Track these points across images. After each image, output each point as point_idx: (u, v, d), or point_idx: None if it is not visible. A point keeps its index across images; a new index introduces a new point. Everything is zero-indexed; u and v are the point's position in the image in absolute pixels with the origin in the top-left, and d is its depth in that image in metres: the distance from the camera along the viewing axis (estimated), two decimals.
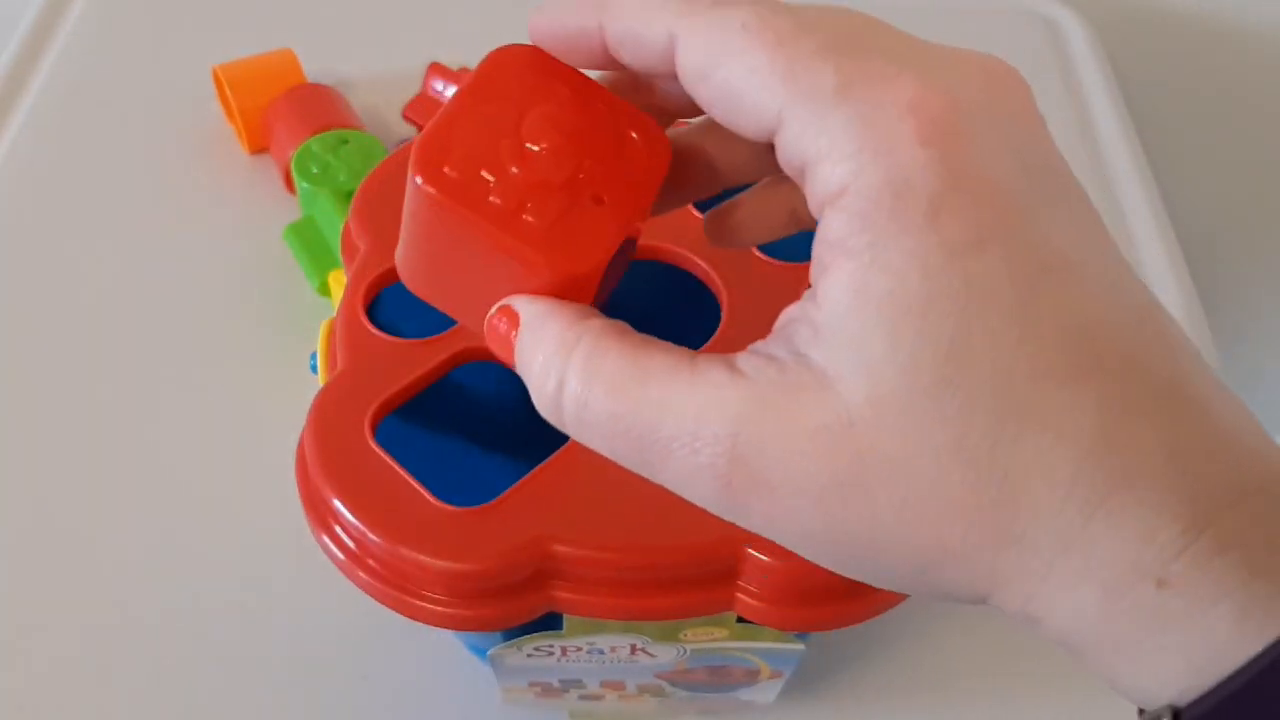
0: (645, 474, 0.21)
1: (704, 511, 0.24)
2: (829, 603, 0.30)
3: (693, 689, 0.38)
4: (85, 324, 0.51)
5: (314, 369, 0.36)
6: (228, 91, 0.58)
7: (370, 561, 0.30)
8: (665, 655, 0.34)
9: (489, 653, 0.34)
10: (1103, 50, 0.70)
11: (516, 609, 0.29)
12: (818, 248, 0.20)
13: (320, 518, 0.31)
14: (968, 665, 0.43)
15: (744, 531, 0.25)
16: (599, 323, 0.22)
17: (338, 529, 0.30)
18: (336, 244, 0.51)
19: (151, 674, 0.41)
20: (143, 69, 0.64)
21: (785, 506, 0.20)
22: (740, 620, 0.31)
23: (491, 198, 0.21)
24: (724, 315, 0.35)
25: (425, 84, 0.60)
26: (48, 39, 0.65)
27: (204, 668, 0.41)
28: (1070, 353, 0.19)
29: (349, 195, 0.52)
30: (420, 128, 0.58)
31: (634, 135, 0.22)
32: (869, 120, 0.19)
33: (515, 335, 0.22)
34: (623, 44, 0.22)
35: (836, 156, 0.19)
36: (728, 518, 0.21)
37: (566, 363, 0.21)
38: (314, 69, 0.60)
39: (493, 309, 0.23)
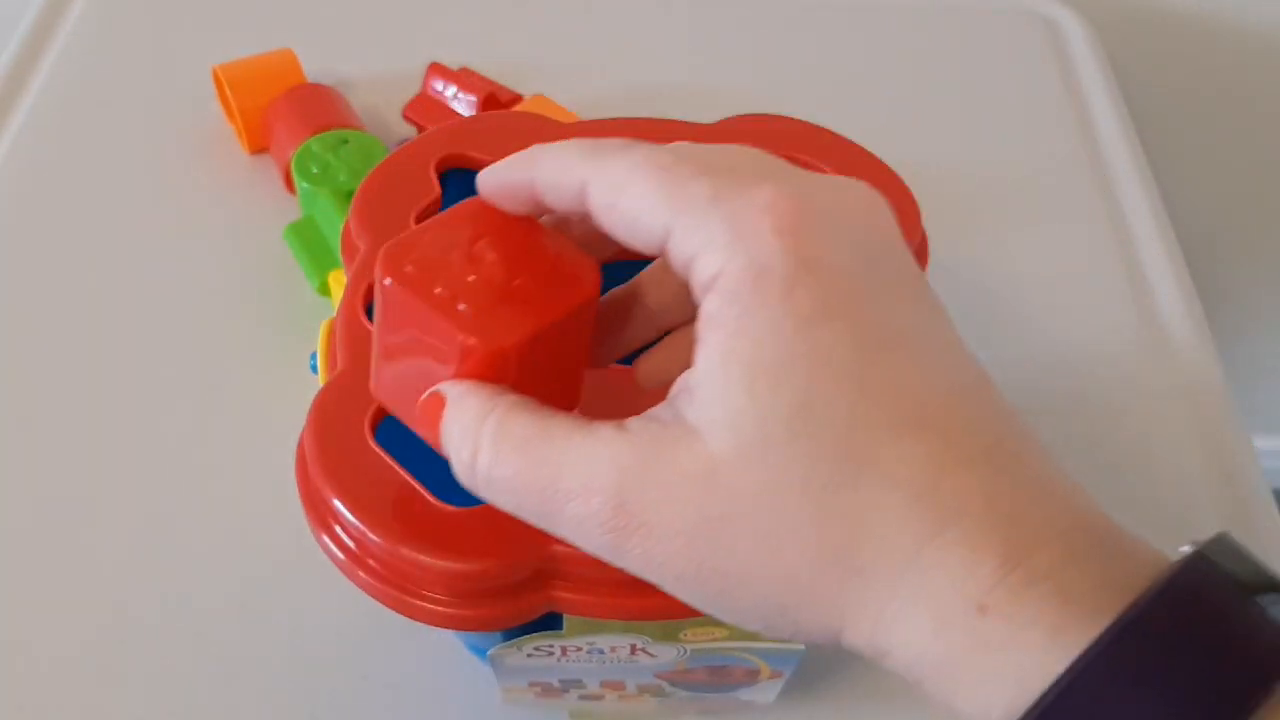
0: (546, 527, 0.24)
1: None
2: None
3: (693, 689, 0.38)
4: (85, 324, 0.51)
5: (314, 369, 0.36)
6: (228, 91, 0.58)
7: (370, 561, 0.30)
8: (665, 655, 0.34)
9: (489, 653, 0.34)
10: (1103, 50, 0.70)
11: (516, 609, 0.29)
12: (697, 327, 0.23)
13: (320, 518, 0.31)
14: None
15: None
16: (511, 398, 0.25)
17: (338, 529, 0.30)
18: (336, 244, 0.51)
19: (151, 674, 0.41)
20: (143, 69, 0.64)
21: (662, 547, 0.23)
22: None
23: (437, 289, 0.26)
24: None
25: (425, 84, 0.60)
26: (48, 39, 0.65)
27: (204, 667, 0.41)
28: (902, 412, 0.22)
29: (349, 195, 0.52)
30: (420, 128, 0.58)
31: (565, 260, 0.27)
32: (734, 219, 0.23)
33: (440, 416, 0.25)
34: (549, 191, 0.26)
35: (711, 249, 0.23)
36: (617, 563, 0.24)
37: (480, 431, 0.24)
38: (314, 69, 0.60)
39: (423, 396, 0.26)
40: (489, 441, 0.24)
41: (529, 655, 0.33)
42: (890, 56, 0.68)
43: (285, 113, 0.57)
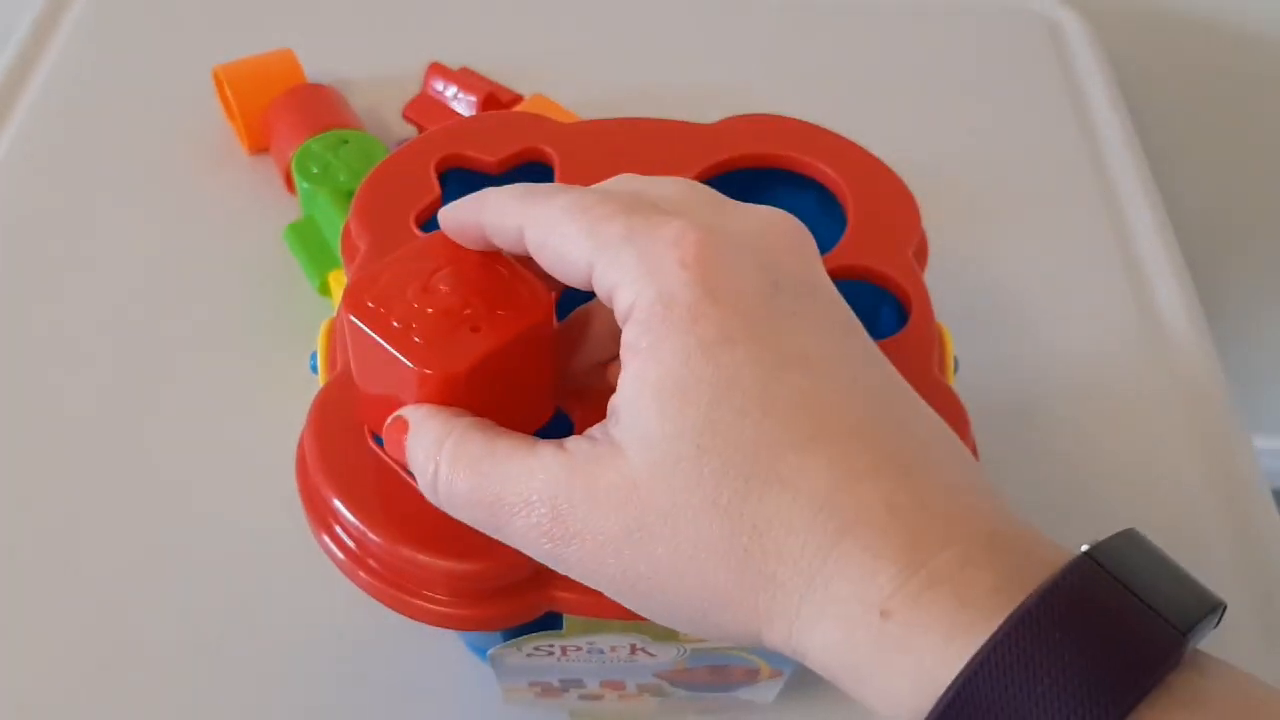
0: (500, 538, 0.26)
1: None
2: None
3: (693, 689, 0.38)
4: (85, 324, 0.51)
5: (314, 369, 0.36)
6: (228, 92, 0.58)
7: (370, 561, 0.30)
8: (665, 655, 0.34)
9: (489, 653, 0.34)
10: (1103, 50, 0.70)
11: (516, 609, 0.29)
12: (620, 353, 0.25)
13: (320, 517, 0.31)
14: None
15: None
16: (465, 420, 0.27)
17: (338, 529, 0.31)
18: (336, 244, 0.51)
19: (151, 674, 0.41)
20: (143, 69, 0.64)
21: (592, 555, 0.25)
22: None
23: (394, 323, 0.28)
24: None
25: (425, 84, 0.60)
26: (48, 39, 0.65)
27: (203, 667, 0.41)
28: (804, 428, 0.24)
29: (349, 195, 0.52)
30: (420, 128, 0.58)
31: (518, 287, 0.29)
32: (644, 254, 0.25)
33: (405, 438, 0.27)
34: (494, 233, 0.28)
35: (625, 283, 0.25)
36: (560, 570, 0.26)
37: (439, 452, 0.26)
38: (314, 69, 0.60)
39: (388, 420, 0.28)
40: (446, 462, 0.26)
41: (529, 655, 0.34)
42: (890, 56, 0.68)
43: (285, 113, 0.57)
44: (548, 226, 0.26)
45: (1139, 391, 0.51)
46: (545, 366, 0.30)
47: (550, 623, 0.31)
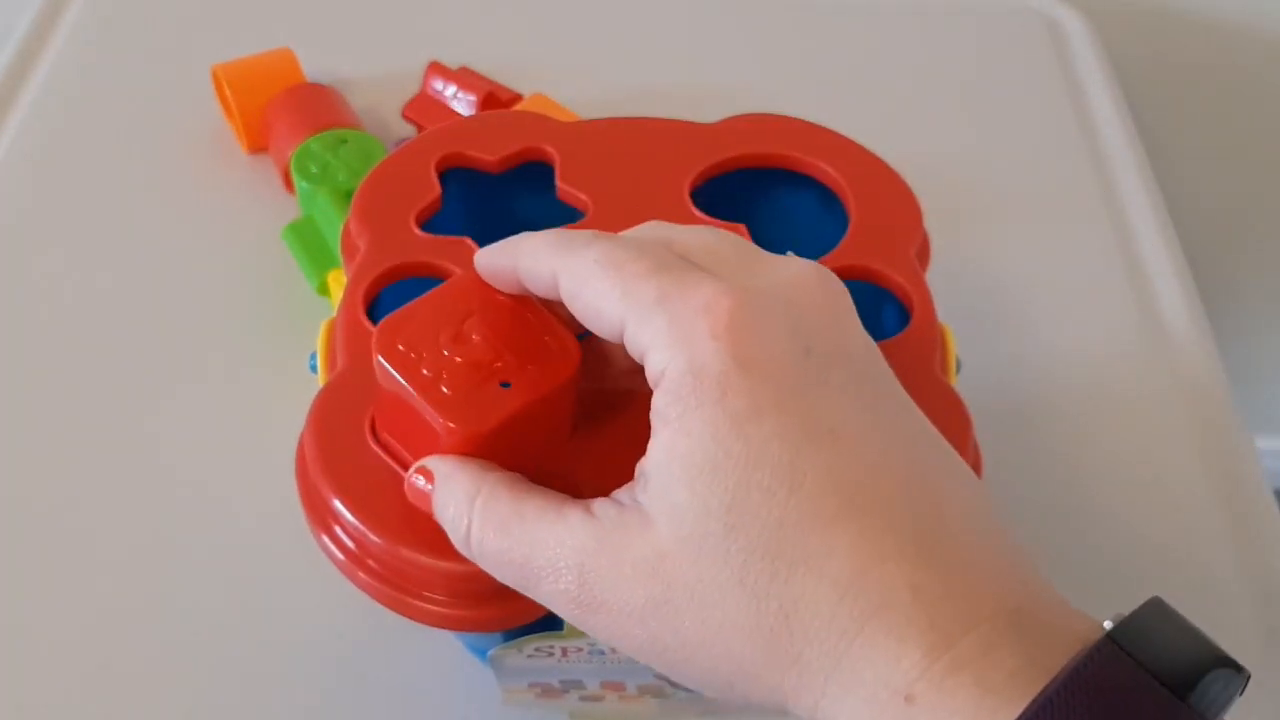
0: (525, 594, 0.27)
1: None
2: None
3: (693, 690, 0.37)
4: (84, 323, 0.51)
5: (314, 369, 0.36)
6: (227, 91, 0.58)
7: (370, 562, 0.30)
8: None
9: (489, 654, 0.33)
10: (1103, 49, 0.70)
11: (516, 610, 0.29)
12: (651, 416, 0.25)
13: (320, 518, 0.31)
14: None
15: None
16: (494, 476, 0.27)
17: (337, 529, 0.30)
18: (336, 243, 0.51)
19: (151, 674, 0.41)
20: (142, 68, 0.64)
21: (619, 623, 0.25)
22: None
23: (424, 370, 0.28)
24: None
25: (425, 83, 0.60)
26: (47, 38, 0.65)
27: (203, 668, 0.41)
28: (831, 505, 0.24)
29: (348, 195, 0.52)
30: (420, 127, 0.58)
31: (548, 340, 0.29)
32: (675, 321, 0.25)
33: (432, 489, 0.28)
34: (528, 279, 0.28)
35: (657, 348, 0.25)
36: (583, 629, 0.26)
37: (470, 511, 0.27)
38: (313, 68, 0.59)
39: (411, 469, 0.28)
40: (478, 521, 0.27)
41: (529, 656, 0.33)
42: (891, 56, 0.68)
43: (284, 112, 0.57)
44: (581, 279, 0.26)
45: (1140, 391, 0.51)
46: (568, 412, 0.30)
47: (551, 624, 0.31)
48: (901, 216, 0.39)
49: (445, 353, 0.28)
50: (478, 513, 0.27)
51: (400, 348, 0.28)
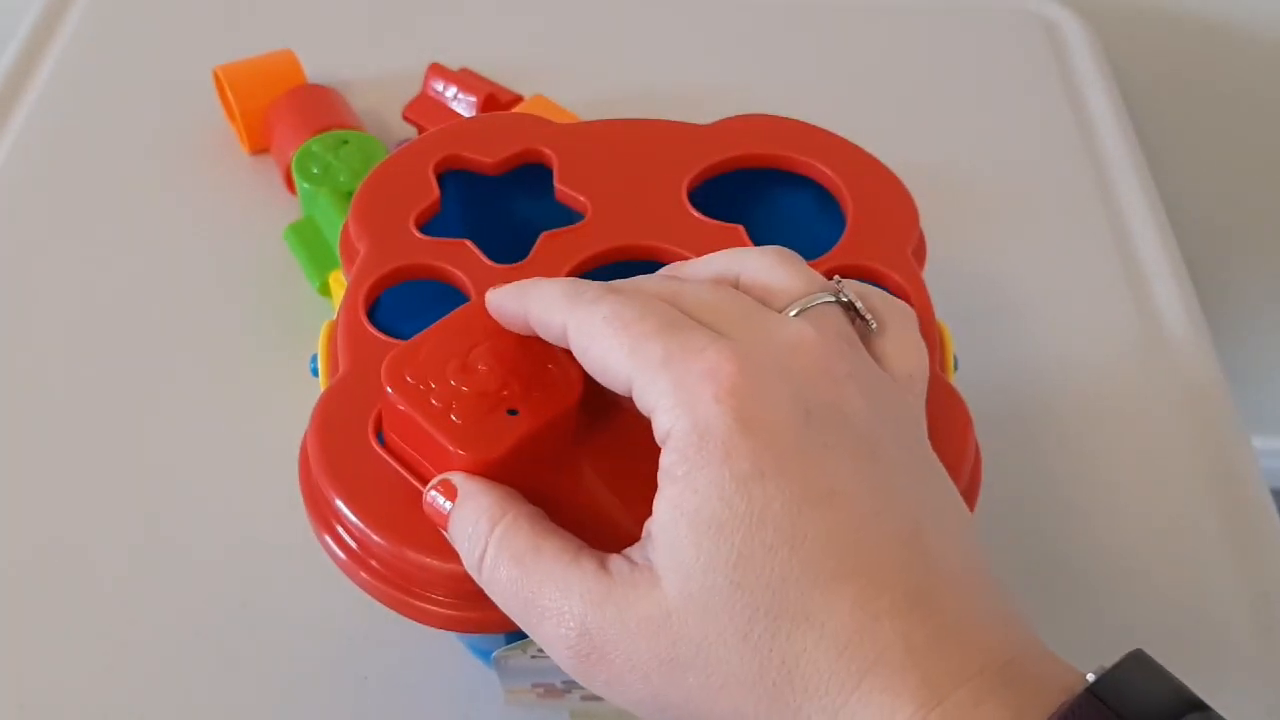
0: (527, 631, 0.27)
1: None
2: None
3: None
4: (85, 324, 0.52)
5: (314, 372, 0.36)
6: (228, 92, 0.58)
7: (373, 563, 0.30)
8: None
9: (494, 655, 0.34)
10: (1102, 50, 0.70)
11: None
12: (659, 474, 0.26)
13: (323, 519, 0.31)
14: None
15: None
16: (518, 509, 0.28)
17: (341, 531, 0.31)
18: (337, 244, 0.51)
19: (152, 674, 0.41)
20: (144, 70, 0.64)
21: (621, 678, 0.26)
22: None
23: (433, 401, 0.29)
24: None
25: (425, 84, 0.60)
26: (49, 39, 0.65)
27: (205, 668, 0.41)
28: (830, 565, 0.24)
29: (349, 195, 0.52)
30: (421, 128, 0.58)
31: (552, 368, 0.30)
32: (681, 384, 0.25)
33: (452, 506, 0.28)
34: (538, 326, 0.29)
35: (663, 409, 0.26)
36: (579, 680, 0.26)
37: (489, 536, 0.27)
38: (314, 70, 0.60)
39: (431, 483, 0.29)
40: (494, 549, 0.27)
41: (533, 656, 0.34)
42: (889, 57, 0.68)
43: (286, 113, 0.57)
44: (590, 335, 0.27)
45: (1137, 391, 0.51)
46: (571, 432, 0.31)
47: None
48: (898, 216, 0.39)
49: (453, 383, 0.29)
50: (495, 540, 0.27)
51: (409, 379, 0.29)
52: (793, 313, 0.28)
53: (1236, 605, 0.44)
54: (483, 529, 0.27)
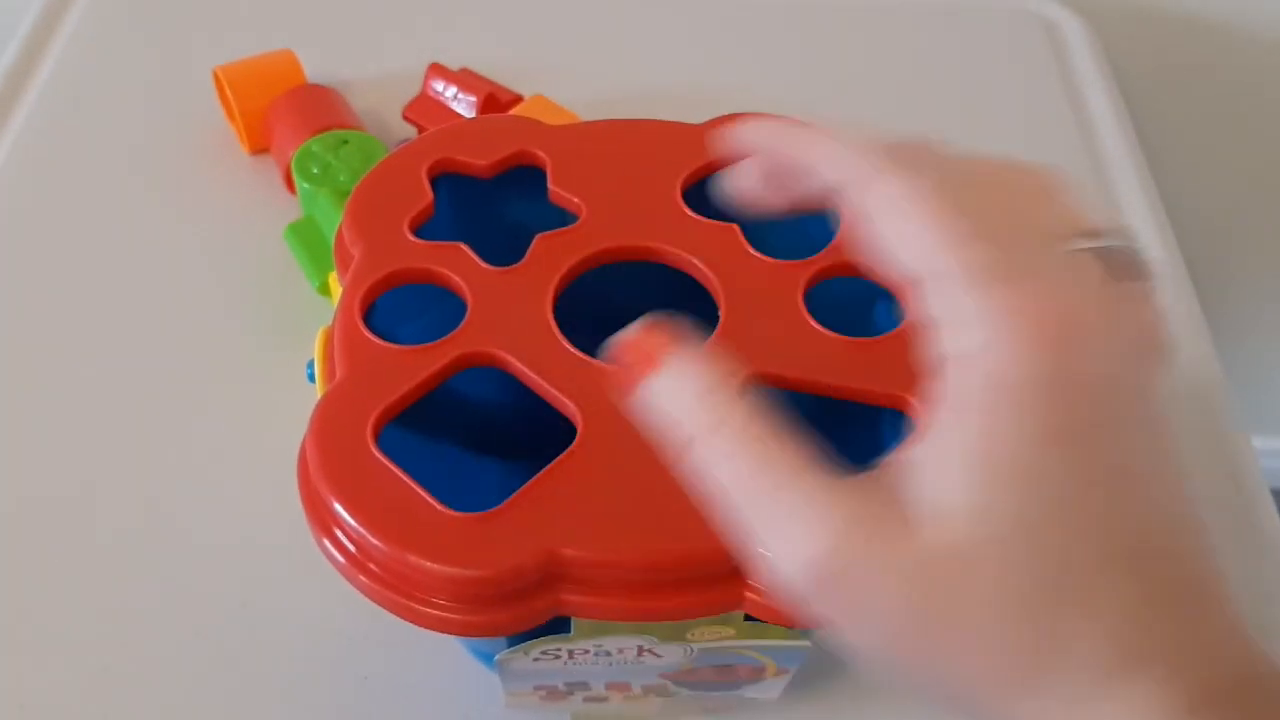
0: (747, 538, 0.24)
1: (709, 512, 0.25)
2: None
3: (698, 688, 0.38)
4: (85, 323, 0.51)
5: (311, 378, 0.36)
6: (228, 92, 0.58)
7: (374, 567, 0.30)
8: (672, 655, 0.34)
9: (496, 658, 0.34)
10: (1102, 50, 0.70)
11: (524, 614, 0.29)
12: (929, 391, 0.23)
13: (322, 523, 0.31)
14: None
15: None
16: (749, 400, 0.24)
17: (340, 535, 0.30)
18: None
19: (152, 676, 0.41)
20: (144, 70, 0.64)
21: (860, 625, 0.23)
22: (748, 619, 0.31)
23: None
24: (721, 316, 0.35)
25: (425, 85, 0.60)
26: (49, 39, 0.65)
27: (205, 672, 0.41)
28: (1118, 546, 0.22)
29: (349, 195, 0.52)
30: (421, 128, 0.58)
31: None
32: (1000, 311, 0.22)
33: (665, 367, 0.25)
34: (808, 172, 0.26)
35: (965, 330, 0.22)
36: (807, 602, 0.23)
37: (731, 407, 0.24)
38: (314, 70, 0.60)
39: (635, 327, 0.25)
40: (734, 428, 0.24)
41: (535, 659, 0.33)
42: (889, 57, 0.68)
43: (286, 113, 0.57)
44: (889, 202, 0.24)
45: None
46: None
47: (558, 626, 0.31)
48: None
49: None
50: (741, 416, 0.24)
51: None
52: (1081, 246, 0.24)
53: (1237, 605, 0.44)
54: (720, 398, 0.24)
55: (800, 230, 0.40)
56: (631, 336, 0.25)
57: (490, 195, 0.41)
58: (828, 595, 0.23)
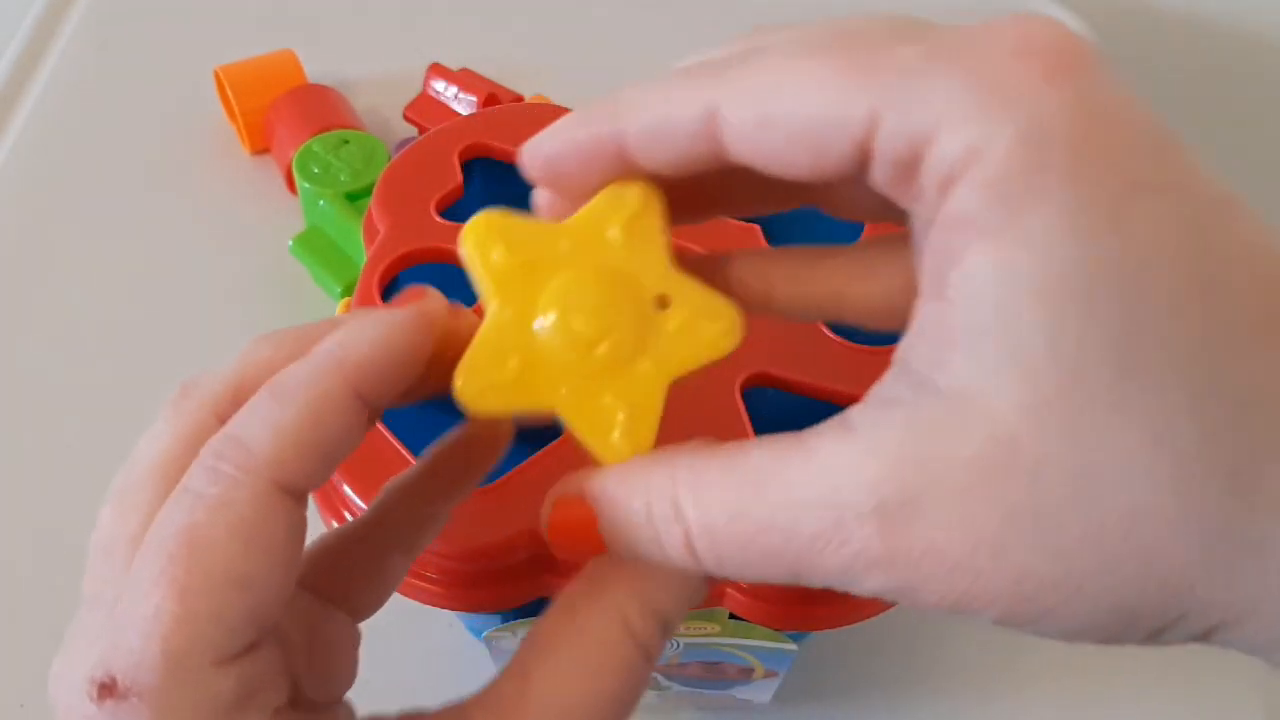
0: (805, 582, 0.18)
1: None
2: (820, 603, 0.30)
3: (688, 683, 0.38)
4: (86, 324, 0.52)
5: None
6: (229, 92, 0.58)
7: None
8: None
9: (484, 634, 0.34)
10: (1100, 49, 0.70)
11: (509, 593, 0.30)
12: (940, 235, 0.17)
13: (324, 497, 0.31)
14: (967, 664, 0.43)
15: None
16: (675, 457, 0.19)
17: (343, 510, 0.31)
18: (345, 245, 0.51)
19: None
20: (145, 70, 0.64)
21: (960, 566, 0.17)
22: (733, 617, 0.31)
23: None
24: None
25: (426, 85, 0.60)
26: (50, 39, 0.65)
27: None
28: (1269, 300, 0.16)
29: (350, 196, 0.52)
30: (421, 128, 0.59)
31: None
32: (978, 72, 0.16)
33: (598, 510, 0.20)
34: (651, 139, 0.19)
35: (955, 122, 0.16)
36: (907, 604, 0.18)
37: (679, 507, 0.18)
38: (315, 70, 0.60)
39: (545, 507, 0.20)
40: (695, 517, 0.18)
41: (523, 640, 0.34)
42: None
43: (286, 113, 0.57)
44: (776, 86, 0.17)
45: None
46: None
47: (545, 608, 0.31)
48: None
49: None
50: (691, 506, 0.18)
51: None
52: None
53: None
54: (664, 509, 0.19)
55: (823, 230, 0.40)
56: None
57: (520, 181, 0.41)
58: (913, 562, 0.17)
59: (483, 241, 0.21)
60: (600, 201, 0.21)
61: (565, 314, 0.20)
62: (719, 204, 0.23)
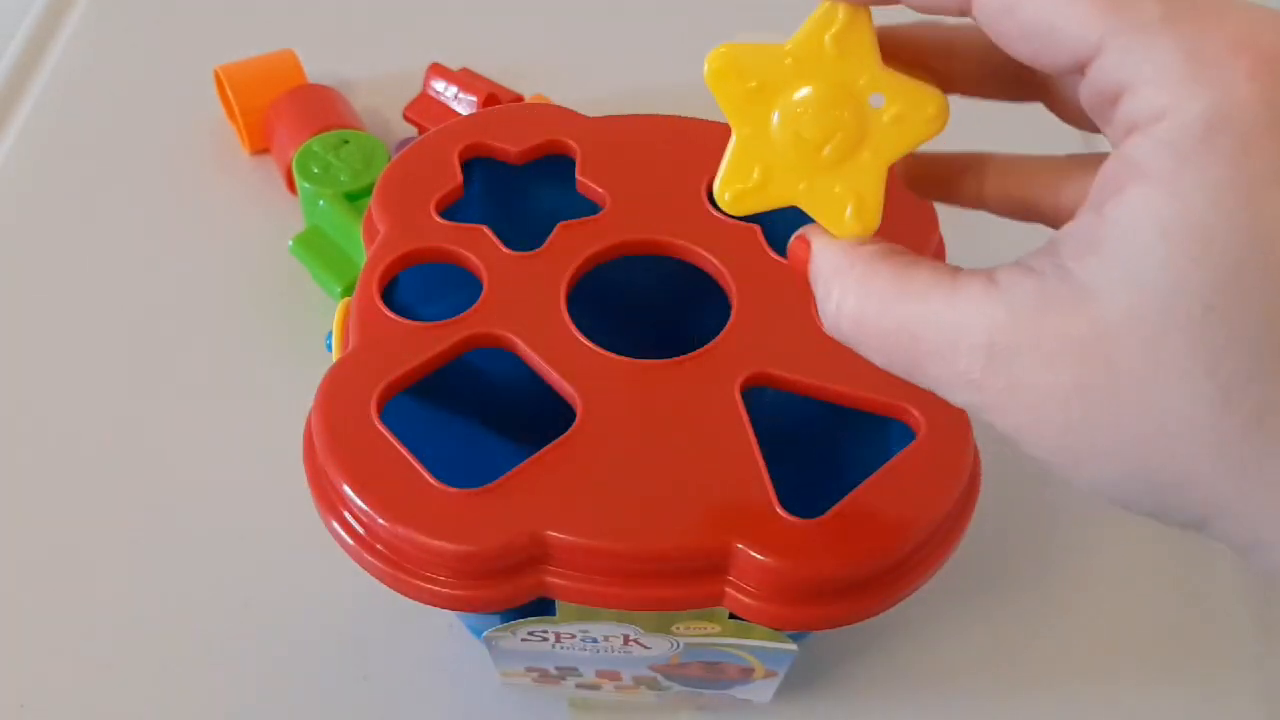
0: (913, 379, 0.23)
1: (698, 505, 0.27)
2: (819, 603, 0.30)
3: (688, 684, 0.38)
4: (87, 324, 0.52)
5: (329, 348, 0.37)
6: (229, 92, 0.58)
7: (371, 541, 0.30)
8: (659, 648, 0.34)
9: (484, 634, 0.34)
10: None
11: (507, 592, 0.29)
12: (1113, 166, 0.21)
13: (324, 496, 0.31)
14: (966, 664, 0.43)
15: (735, 528, 0.25)
16: (871, 247, 0.24)
17: (345, 513, 0.31)
18: (345, 245, 0.51)
19: (154, 675, 0.41)
20: (144, 69, 0.64)
21: (1031, 411, 0.21)
22: (733, 617, 0.31)
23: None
24: (733, 312, 0.35)
25: (426, 84, 0.60)
26: (49, 39, 0.65)
27: (206, 669, 0.41)
28: None
29: (350, 196, 0.52)
30: (421, 128, 0.59)
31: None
32: (1196, 51, 0.19)
33: (810, 255, 0.25)
34: None
35: (1159, 83, 0.19)
36: (983, 417, 0.22)
37: (844, 283, 0.24)
38: (315, 69, 0.60)
39: (794, 236, 0.26)
40: (853, 297, 0.24)
41: (523, 640, 0.34)
42: None
43: (286, 113, 0.57)
44: None
45: None
46: None
47: (545, 608, 0.31)
48: (918, 218, 0.39)
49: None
50: (852, 286, 0.24)
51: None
52: None
53: (1237, 604, 0.44)
54: (833, 281, 0.24)
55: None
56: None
57: (519, 181, 0.41)
58: (998, 394, 0.21)
59: (721, 74, 0.27)
60: (815, 19, 0.26)
61: (794, 124, 0.26)
62: (944, 75, 0.27)
